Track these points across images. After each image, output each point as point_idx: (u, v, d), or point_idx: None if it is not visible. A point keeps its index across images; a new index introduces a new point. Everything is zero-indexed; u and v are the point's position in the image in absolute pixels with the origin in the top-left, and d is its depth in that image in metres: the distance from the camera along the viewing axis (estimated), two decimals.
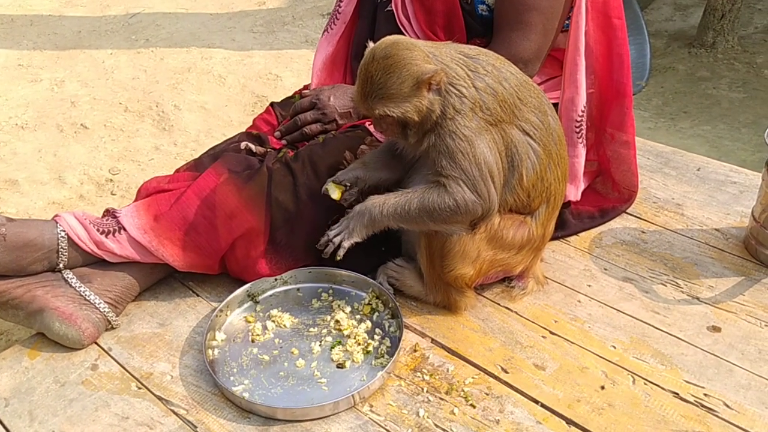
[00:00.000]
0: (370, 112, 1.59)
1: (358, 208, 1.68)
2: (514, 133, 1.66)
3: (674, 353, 1.71)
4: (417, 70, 1.53)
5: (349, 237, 1.70)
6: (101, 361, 1.72)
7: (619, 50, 1.98)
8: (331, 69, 2.20)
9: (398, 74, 1.53)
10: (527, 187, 1.71)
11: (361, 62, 1.57)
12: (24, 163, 3.28)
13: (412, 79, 1.53)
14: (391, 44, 1.56)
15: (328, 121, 1.98)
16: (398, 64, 1.53)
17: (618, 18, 1.96)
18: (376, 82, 1.54)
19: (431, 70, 1.53)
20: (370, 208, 1.66)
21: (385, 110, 1.56)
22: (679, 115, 4.23)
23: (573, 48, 1.94)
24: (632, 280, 1.93)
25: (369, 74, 1.55)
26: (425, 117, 1.58)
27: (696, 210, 2.19)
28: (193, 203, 1.80)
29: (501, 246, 1.75)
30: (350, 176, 1.76)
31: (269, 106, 2.20)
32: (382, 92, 1.55)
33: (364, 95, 1.57)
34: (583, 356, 1.70)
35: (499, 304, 1.87)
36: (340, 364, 1.69)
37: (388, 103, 1.56)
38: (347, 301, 1.86)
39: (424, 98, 1.56)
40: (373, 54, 1.56)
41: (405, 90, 1.54)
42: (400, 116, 1.57)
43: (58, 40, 4.42)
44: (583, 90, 1.96)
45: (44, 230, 1.73)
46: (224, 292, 1.90)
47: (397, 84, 1.54)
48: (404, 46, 1.55)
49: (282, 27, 4.57)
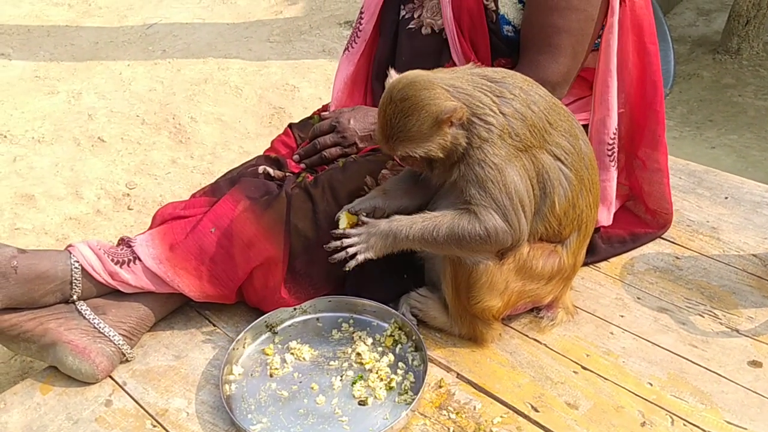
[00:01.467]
0: (393, 153, 1.55)
1: (383, 226, 1.60)
2: (545, 159, 1.58)
3: (714, 391, 1.62)
4: (436, 109, 1.47)
5: (365, 252, 1.62)
6: (115, 396, 1.67)
7: (653, 77, 1.91)
8: (351, 89, 2.13)
9: (417, 116, 1.47)
10: (559, 215, 1.63)
11: (380, 102, 1.52)
12: (41, 178, 3.25)
13: (431, 120, 1.47)
14: (408, 85, 1.50)
15: (348, 144, 1.91)
16: (416, 105, 1.47)
17: (652, 44, 1.89)
18: (396, 125, 1.49)
19: (451, 109, 1.46)
20: (395, 229, 1.59)
21: (408, 151, 1.51)
22: (704, 124, 4.13)
23: (604, 68, 1.86)
24: (668, 310, 1.85)
25: (388, 117, 1.50)
26: (451, 151, 1.52)
27: (732, 234, 2.09)
28: (209, 232, 1.73)
29: (530, 276, 1.67)
30: (368, 205, 1.69)
31: (287, 127, 2.14)
32: (403, 135, 1.49)
33: (385, 137, 1.53)
34: (617, 394, 1.62)
35: (527, 336, 1.79)
36: (362, 401, 1.62)
37: (410, 144, 1.50)
38: (369, 332, 1.79)
39: (446, 135, 1.49)
40: (390, 96, 1.50)
41: (425, 130, 1.48)
42: (424, 155, 1.51)
43: (75, 51, 4.39)
44: (615, 111, 1.88)
45: (57, 261, 1.68)
46: (242, 321, 1.84)
47: (417, 126, 1.48)
48: (422, 85, 1.49)
49: (299, 36, 4.51)
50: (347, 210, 1.71)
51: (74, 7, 4.97)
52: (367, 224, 1.62)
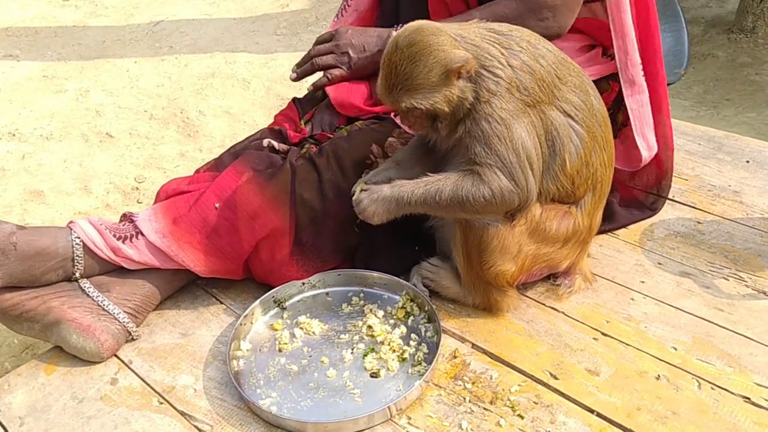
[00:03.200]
0: (396, 106, 1.47)
1: (385, 191, 1.54)
2: (555, 115, 1.52)
3: (742, 353, 1.55)
4: (445, 57, 1.40)
5: (370, 220, 1.57)
6: (121, 374, 1.62)
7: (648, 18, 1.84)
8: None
9: (425, 62, 1.41)
10: (571, 174, 1.57)
11: (384, 52, 1.46)
12: (49, 174, 3.23)
13: (440, 68, 1.41)
14: (414, 30, 1.43)
15: (340, 52, 1.87)
16: (424, 51, 1.41)
17: None
18: (401, 72, 1.42)
19: (461, 58, 1.40)
20: (397, 194, 1.53)
21: (413, 102, 1.44)
22: (721, 103, 4.04)
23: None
24: (690, 274, 1.77)
25: (393, 65, 1.43)
26: (457, 106, 1.46)
27: (755, 197, 2.02)
28: (213, 204, 1.69)
29: (544, 239, 1.61)
30: (382, 177, 1.63)
31: (291, 101, 2.09)
32: (408, 83, 1.42)
33: (388, 88, 1.45)
34: (640, 359, 1.55)
35: (544, 305, 1.73)
36: (374, 374, 1.56)
37: (416, 94, 1.43)
38: (380, 305, 1.73)
39: (454, 87, 1.43)
40: (396, 42, 1.43)
41: (433, 79, 1.42)
42: (429, 108, 1.44)
43: (82, 50, 4.39)
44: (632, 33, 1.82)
45: (58, 238, 1.64)
46: (249, 298, 1.79)
47: (424, 73, 1.41)
48: (430, 31, 1.43)
49: (306, 28, 4.48)
50: (363, 182, 1.65)
51: (81, 8, 4.97)
52: (368, 190, 1.56)
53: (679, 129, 2.34)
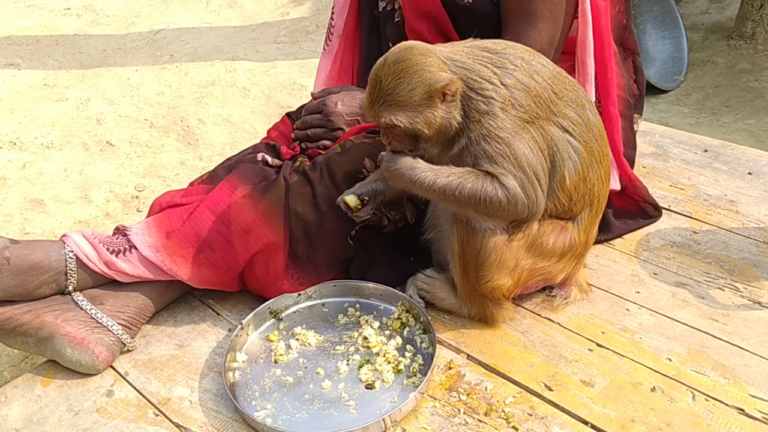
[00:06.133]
0: (376, 120, 1.47)
1: (409, 162, 1.50)
2: (553, 131, 1.52)
3: (737, 364, 1.55)
4: (430, 77, 1.41)
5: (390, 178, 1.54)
6: (117, 386, 1.62)
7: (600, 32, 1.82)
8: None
9: (409, 80, 1.41)
10: (569, 190, 1.57)
11: (373, 67, 1.47)
12: (49, 183, 3.24)
13: (423, 87, 1.41)
14: (405, 48, 1.44)
15: (333, 128, 1.88)
16: (410, 69, 1.41)
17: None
18: (385, 87, 1.43)
19: (445, 79, 1.40)
20: (419, 174, 1.48)
21: (392, 119, 1.44)
22: (721, 110, 4.04)
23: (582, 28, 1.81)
24: (686, 285, 1.77)
25: (378, 79, 1.44)
26: (441, 128, 1.46)
27: (751, 207, 2.02)
28: (206, 218, 1.69)
29: (541, 254, 1.61)
30: (368, 189, 1.64)
31: (285, 116, 2.10)
32: (391, 98, 1.43)
33: (371, 101, 1.46)
34: (635, 370, 1.55)
35: (539, 315, 1.73)
36: (369, 385, 1.56)
37: (396, 111, 1.44)
38: (375, 316, 1.73)
39: (436, 109, 1.43)
40: (385, 58, 1.45)
41: (415, 98, 1.42)
42: (408, 127, 1.44)
43: (83, 59, 4.40)
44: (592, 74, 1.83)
45: (51, 251, 1.64)
46: (246, 309, 1.79)
47: (407, 91, 1.42)
48: (419, 51, 1.43)
49: (306, 36, 4.49)
50: (350, 193, 1.66)
51: (82, 16, 4.99)
52: (402, 158, 1.52)
53: (676, 138, 2.34)
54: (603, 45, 1.84)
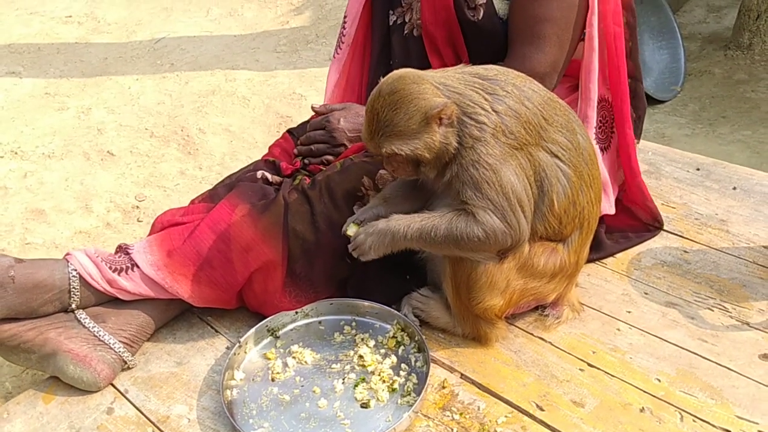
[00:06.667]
0: (378, 151, 1.52)
1: (381, 226, 1.58)
2: (542, 156, 1.55)
3: (724, 385, 1.58)
4: (425, 104, 1.45)
5: (365, 256, 1.61)
6: (117, 404, 1.66)
7: (617, 61, 1.87)
8: (342, 97, 2.15)
9: (405, 110, 1.45)
10: (559, 213, 1.60)
11: (369, 99, 1.50)
12: (50, 193, 3.27)
13: (420, 115, 1.45)
14: (397, 78, 1.48)
15: (335, 144, 1.91)
16: (405, 99, 1.45)
17: (617, 25, 1.85)
18: (383, 119, 1.47)
19: (440, 104, 1.44)
20: (393, 228, 1.57)
21: (393, 148, 1.48)
22: (717, 120, 4.07)
23: (588, 53, 1.85)
24: (676, 304, 1.81)
25: (375, 111, 1.48)
26: (440, 152, 1.50)
27: (742, 226, 2.05)
28: (207, 237, 1.73)
29: (532, 275, 1.64)
30: (370, 214, 1.67)
31: (286, 132, 2.14)
32: (389, 129, 1.47)
33: (371, 133, 1.50)
34: (625, 391, 1.59)
35: (532, 335, 1.76)
36: (364, 404, 1.60)
37: (396, 140, 1.48)
38: (371, 335, 1.77)
39: (435, 133, 1.47)
40: (379, 90, 1.49)
41: (413, 126, 1.46)
42: (410, 154, 1.49)
43: (84, 67, 4.43)
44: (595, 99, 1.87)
45: (55, 270, 1.68)
46: (244, 326, 1.83)
47: (405, 120, 1.46)
48: (411, 79, 1.47)
49: (305, 46, 4.52)
50: (352, 221, 1.69)
51: (84, 24, 5.02)
52: (365, 226, 1.60)
53: (668, 156, 2.37)
54: (619, 71, 1.88)
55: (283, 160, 2.01)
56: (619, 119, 1.94)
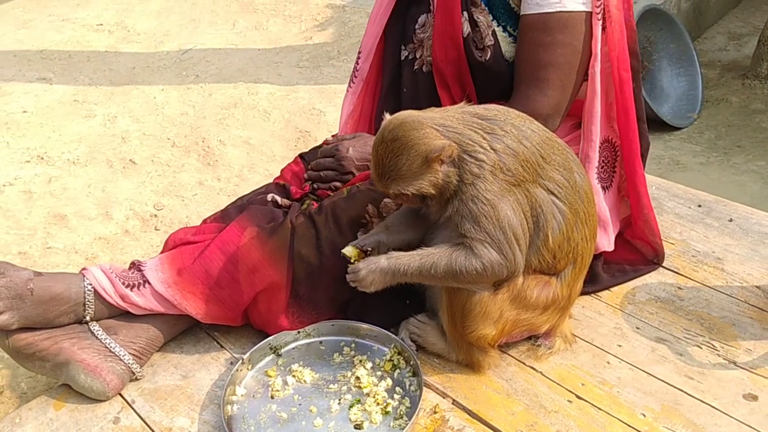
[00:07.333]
0: (386, 191, 1.61)
1: (383, 264, 1.65)
2: (539, 193, 1.62)
3: (707, 423, 1.63)
4: (425, 149, 1.53)
5: (364, 289, 1.68)
6: (123, 414, 1.74)
7: (625, 104, 1.92)
8: (355, 127, 2.23)
9: (407, 155, 1.54)
10: (552, 248, 1.66)
11: (373, 142, 1.59)
12: (73, 198, 3.38)
13: (421, 159, 1.53)
14: (398, 125, 1.56)
15: (344, 172, 1.99)
16: (406, 145, 1.54)
17: (625, 71, 1.90)
18: (387, 165, 1.56)
19: (439, 147, 1.52)
20: (394, 266, 1.64)
21: (400, 189, 1.58)
22: (732, 150, 4.09)
23: (590, 95, 1.91)
24: (665, 340, 1.86)
25: (380, 157, 1.57)
26: (443, 187, 1.58)
27: (737, 265, 2.09)
28: (216, 257, 1.81)
29: (524, 306, 1.70)
30: (372, 240, 1.75)
31: (297, 157, 2.22)
32: (394, 173, 1.56)
33: (378, 176, 1.60)
34: (610, 425, 1.64)
35: (524, 364, 1.82)
36: (357, 425, 1.67)
37: (401, 182, 1.57)
38: (369, 357, 1.84)
39: (437, 173, 1.55)
40: (382, 136, 1.57)
41: (415, 169, 1.55)
42: (416, 192, 1.57)
43: (113, 76, 4.56)
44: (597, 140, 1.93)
45: (71, 284, 1.78)
46: (249, 343, 1.90)
47: (408, 165, 1.54)
48: (411, 126, 1.55)
49: (327, 62, 4.62)
50: (353, 245, 1.76)
51: (114, 33, 5.16)
52: (366, 261, 1.67)
53: (671, 191, 2.42)
54: (627, 114, 1.94)
55: (294, 183, 2.10)
56: (629, 158, 1.99)
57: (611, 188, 2.03)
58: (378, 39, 2.11)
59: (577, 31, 1.82)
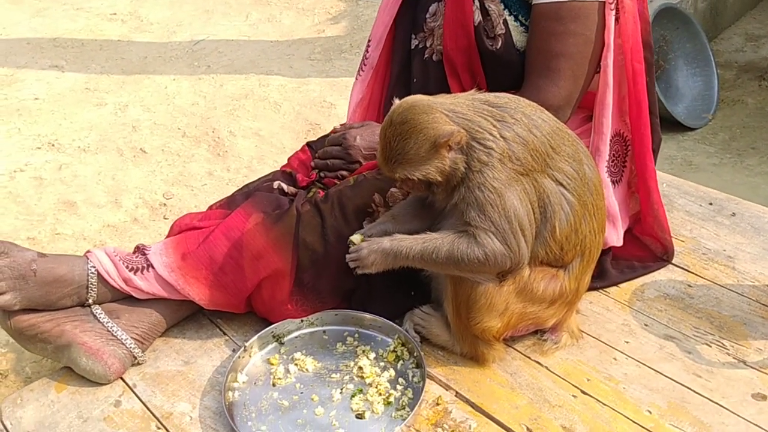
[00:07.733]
0: (392, 176, 1.59)
1: (385, 245, 1.63)
2: (547, 183, 1.60)
3: (714, 422, 1.60)
4: (434, 133, 1.50)
5: (365, 270, 1.66)
6: (125, 397, 1.74)
7: (638, 96, 1.90)
8: (363, 115, 2.21)
9: (415, 139, 1.51)
10: (560, 240, 1.64)
11: (381, 126, 1.57)
12: (83, 186, 3.39)
13: (429, 143, 1.51)
14: (407, 108, 1.54)
15: (351, 161, 1.98)
16: (414, 129, 1.51)
17: (638, 62, 1.88)
18: (395, 148, 1.53)
19: (448, 132, 1.49)
20: (396, 248, 1.62)
21: (406, 174, 1.55)
22: (746, 151, 4.04)
23: (602, 87, 1.88)
24: (674, 338, 1.83)
25: (387, 140, 1.55)
26: (450, 174, 1.55)
27: (748, 264, 2.06)
28: (220, 243, 1.80)
29: (531, 299, 1.68)
30: (378, 230, 1.73)
31: (305, 145, 2.21)
32: (401, 157, 1.54)
33: (385, 159, 1.57)
34: (615, 420, 1.61)
35: (529, 358, 1.80)
36: (359, 414, 1.65)
37: (408, 167, 1.54)
38: (372, 347, 1.82)
39: (445, 159, 1.53)
40: (390, 119, 1.55)
41: (423, 153, 1.52)
42: (422, 178, 1.55)
43: (125, 65, 4.57)
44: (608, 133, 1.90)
45: (75, 266, 1.77)
46: (251, 330, 1.89)
47: (415, 149, 1.52)
48: (421, 109, 1.53)
49: (339, 55, 4.60)
50: (359, 234, 1.75)
51: (127, 22, 5.17)
52: (369, 241, 1.66)
53: (682, 188, 2.38)
54: (640, 106, 1.92)
55: (300, 171, 2.08)
56: (640, 152, 1.97)
57: (621, 183, 2.00)
58: (388, 27, 2.09)
59: (589, 21, 1.79)
